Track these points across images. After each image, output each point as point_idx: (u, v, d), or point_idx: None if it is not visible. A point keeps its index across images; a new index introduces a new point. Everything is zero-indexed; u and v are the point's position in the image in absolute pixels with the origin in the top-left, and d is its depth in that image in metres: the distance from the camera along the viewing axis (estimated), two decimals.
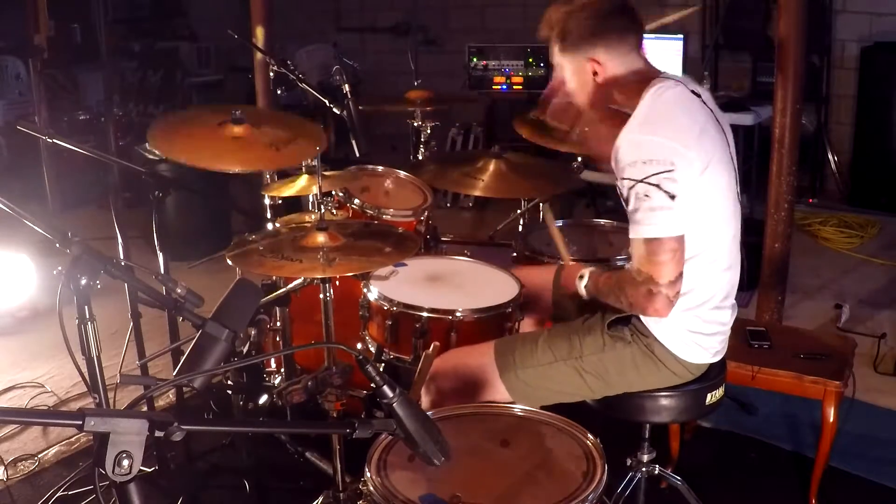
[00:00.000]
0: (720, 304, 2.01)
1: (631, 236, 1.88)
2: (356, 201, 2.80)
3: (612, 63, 1.94)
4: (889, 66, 5.31)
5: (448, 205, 5.80)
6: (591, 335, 2.06)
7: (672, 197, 1.80)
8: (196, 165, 2.49)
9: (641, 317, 2.00)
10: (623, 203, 1.90)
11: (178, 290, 1.55)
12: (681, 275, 1.86)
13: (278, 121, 2.70)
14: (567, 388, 2.07)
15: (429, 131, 3.37)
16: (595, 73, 1.95)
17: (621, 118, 1.92)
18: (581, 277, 2.09)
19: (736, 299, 2.08)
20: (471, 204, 5.75)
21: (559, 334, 2.11)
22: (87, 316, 1.59)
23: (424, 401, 2.11)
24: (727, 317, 2.04)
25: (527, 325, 2.41)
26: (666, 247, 1.82)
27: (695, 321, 1.98)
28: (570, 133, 2.47)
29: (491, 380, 2.07)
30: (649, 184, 1.80)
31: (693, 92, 1.94)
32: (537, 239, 2.86)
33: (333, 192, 2.75)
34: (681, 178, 1.80)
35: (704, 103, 1.95)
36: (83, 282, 1.50)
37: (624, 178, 1.84)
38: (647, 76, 1.94)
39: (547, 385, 2.06)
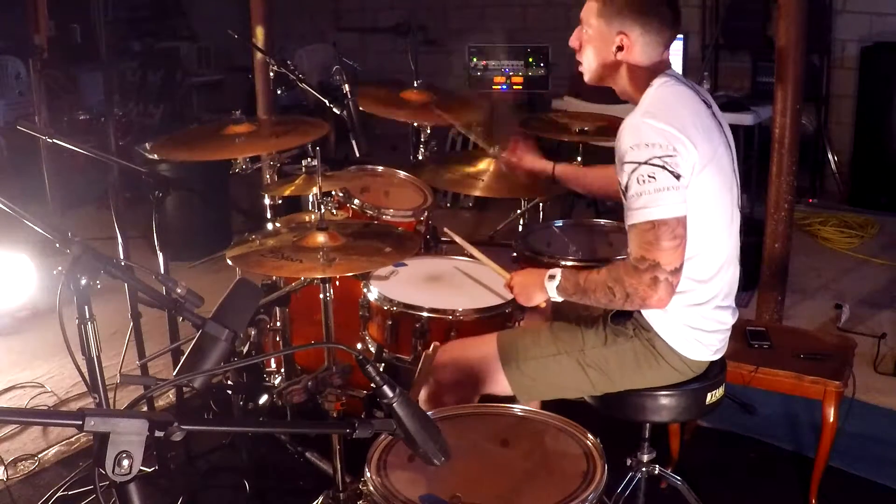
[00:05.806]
0: (721, 303, 2.00)
1: (631, 223, 1.82)
2: (356, 201, 2.80)
3: (640, 48, 1.91)
4: (889, 66, 5.31)
5: (448, 205, 5.80)
6: (593, 329, 2.07)
7: (677, 177, 1.77)
8: (200, 160, 2.53)
9: (644, 311, 1.99)
10: (622, 193, 1.86)
11: (178, 290, 1.55)
12: (682, 265, 1.82)
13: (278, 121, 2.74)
14: (569, 383, 2.06)
15: (429, 131, 3.36)
16: (619, 49, 1.91)
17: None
18: (552, 278, 2.00)
19: (736, 299, 2.08)
20: (471, 204, 5.74)
21: (563, 327, 2.11)
22: (87, 316, 1.59)
23: (423, 392, 2.10)
24: (727, 316, 2.04)
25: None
26: (672, 231, 1.78)
27: (696, 318, 1.97)
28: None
29: (492, 371, 2.07)
30: (654, 165, 1.77)
31: (704, 101, 1.94)
32: (537, 239, 2.86)
33: (333, 192, 2.75)
34: (682, 164, 1.79)
35: (714, 115, 1.95)
36: (83, 282, 1.50)
37: (626, 163, 1.80)
38: (659, 73, 1.93)
39: (548, 378, 2.06)
